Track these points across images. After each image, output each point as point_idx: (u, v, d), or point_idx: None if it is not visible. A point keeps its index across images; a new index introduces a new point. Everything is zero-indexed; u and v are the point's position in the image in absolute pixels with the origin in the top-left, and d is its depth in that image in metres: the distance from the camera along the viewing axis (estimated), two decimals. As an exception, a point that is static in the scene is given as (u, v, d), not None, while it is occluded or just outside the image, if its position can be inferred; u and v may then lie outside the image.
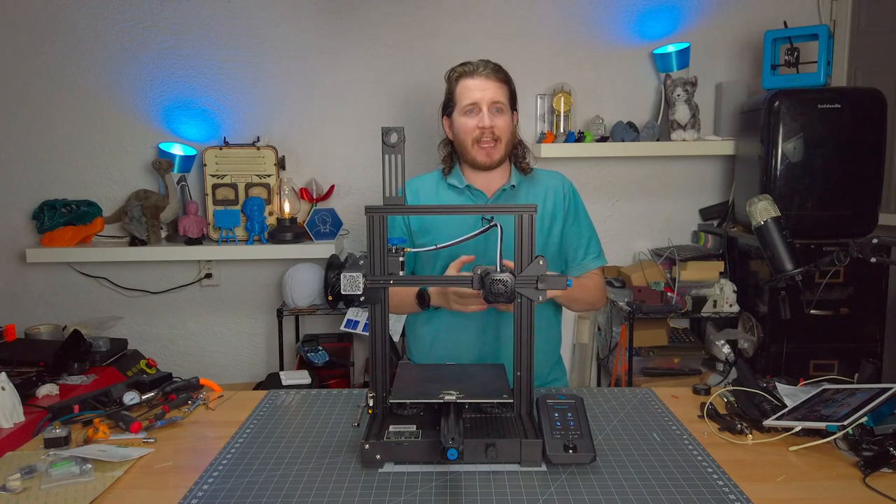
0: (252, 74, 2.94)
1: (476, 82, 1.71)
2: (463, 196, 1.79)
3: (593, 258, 1.83)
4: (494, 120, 1.71)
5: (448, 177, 1.81)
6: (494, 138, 1.71)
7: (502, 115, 1.73)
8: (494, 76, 1.72)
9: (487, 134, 1.71)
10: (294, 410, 1.50)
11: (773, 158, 2.52)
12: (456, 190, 1.80)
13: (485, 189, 1.79)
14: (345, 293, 1.25)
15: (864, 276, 2.50)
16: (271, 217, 2.86)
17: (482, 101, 1.70)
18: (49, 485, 1.15)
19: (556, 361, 1.91)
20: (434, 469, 1.19)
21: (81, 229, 2.84)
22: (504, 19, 2.93)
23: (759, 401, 1.40)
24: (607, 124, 2.92)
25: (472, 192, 1.79)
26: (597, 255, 1.84)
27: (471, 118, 1.72)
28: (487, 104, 1.70)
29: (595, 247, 1.85)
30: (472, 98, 1.71)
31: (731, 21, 2.95)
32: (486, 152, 1.72)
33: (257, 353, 3.12)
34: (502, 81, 1.73)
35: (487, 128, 1.70)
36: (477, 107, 1.71)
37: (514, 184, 1.78)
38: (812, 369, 2.53)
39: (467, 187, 1.78)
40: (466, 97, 1.72)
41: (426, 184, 1.84)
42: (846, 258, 1.42)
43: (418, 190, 1.83)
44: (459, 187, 1.78)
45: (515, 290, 1.25)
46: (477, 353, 1.77)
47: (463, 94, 1.73)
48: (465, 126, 1.73)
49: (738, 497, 1.09)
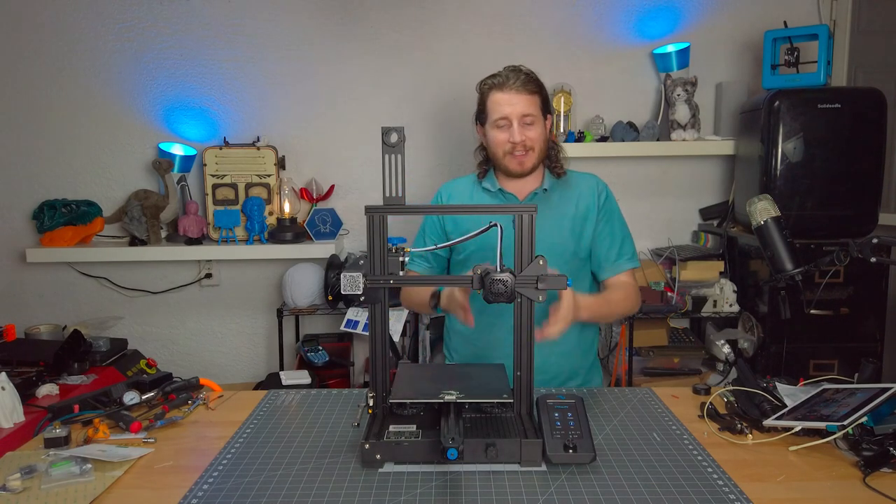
0: (252, 74, 2.94)
1: (506, 97, 1.70)
2: (496, 199, 1.81)
3: (627, 259, 1.81)
4: (525, 133, 1.71)
5: (483, 180, 1.83)
6: (527, 149, 1.72)
7: (534, 126, 1.72)
8: (524, 89, 1.70)
9: (519, 148, 1.71)
10: (294, 410, 1.50)
11: (773, 158, 2.52)
12: (489, 193, 1.81)
13: (517, 192, 1.80)
14: (345, 293, 1.25)
15: (864, 276, 2.50)
16: (271, 217, 2.86)
17: (512, 116, 1.70)
18: (49, 485, 1.15)
19: (593, 362, 1.89)
20: (434, 469, 1.19)
21: (81, 229, 2.84)
22: (504, 19, 2.93)
23: (759, 401, 1.40)
24: (607, 124, 2.92)
25: (504, 196, 1.80)
26: (630, 256, 1.82)
27: (502, 132, 1.72)
28: (518, 118, 1.70)
29: (629, 248, 1.83)
30: (502, 112, 1.71)
31: (731, 21, 2.95)
32: (517, 160, 1.73)
33: (257, 353, 3.12)
34: (532, 93, 1.72)
35: (518, 143, 1.71)
36: (507, 121, 1.71)
37: (545, 187, 1.78)
38: (812, 369, 2.53)
39: (500, 191, 1.80)
40: (496, 111, 1.72)
41: (461, 186, 1.87)
42: (846, 258, 1.42)
43: (452, 192, 1.86)
44: (492, 191, 1.80)
45: (515, 290, 1.25)
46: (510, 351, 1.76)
47: (493, 107, 1.73)
48: (497, 139, 1.74)
49: (738, 497, 1.09)
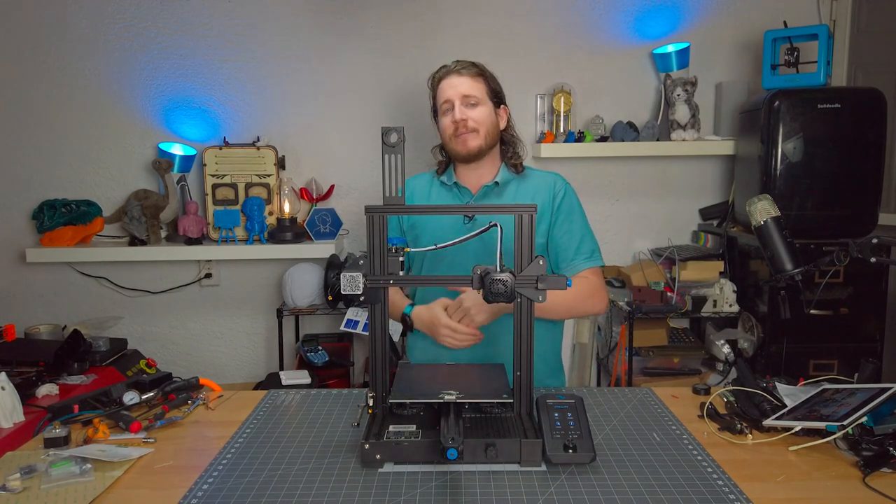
0: (252, 74, 2.94)
1: (448, 81, 1.77)
2: (451, 193, 1.84)
3: (584, 258, 1.77)
4: (467, 112, 1.74)
5: (441, 175, 1.86)
6: (469, 129, 1.74)
7: (477, 108, 1.75)
8: (466, 72, 1.76)
9: (462, 126, 1.74)
10: (294, 410, 1.50)
11: (773, 158, 2.52)
12: (445, 187, 1.85)
13: (471, 186, 1.82)
14: (345, 293, 1.25)
15: (864, 276, 2.50)
16: (271, 217, 2.86)
17: (454, 97, 1.75)
18: (49, 485, 1.15)
19: (553, 368, 1.86)
20: (434, 469, 1.19)
21: (81, 229, 2.84)
22: (504, 19, 2.93)
23: (759, 401, 1.40)
24: (607, 124, 2.92)
25: (458, 189, 1.83)
26: (589, 255, 1.78)
27: (447, 116, 1.77)
28: (459, 99, 1.75)
29: (587, 247, 1.78)
30: (445, 96, 1.77)
31: (731, 21, 2.95)
32: (461, 141, 1.75)
33: (257, 353, 3.12)
34: (475, 76, 1.77)
35: (460, 121, 1.74)
36: (450, 103, 1.76)
37: (498, 181, 1.79)
38: (812, 369, 2.53)
39: (455, 184, 1.83)
40: (441, 96, 1.79)
41: (420, 182, 1.90)
42: (846, 258, 1.42)
43: (413, 188, 1.89)
44: (448, 184, 1.83)
45: (515, 290, 1.25)
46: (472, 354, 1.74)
47: (439, 95, 1.80)
48: (444, 124, 1.79)
49: (737, 497, 1.09)
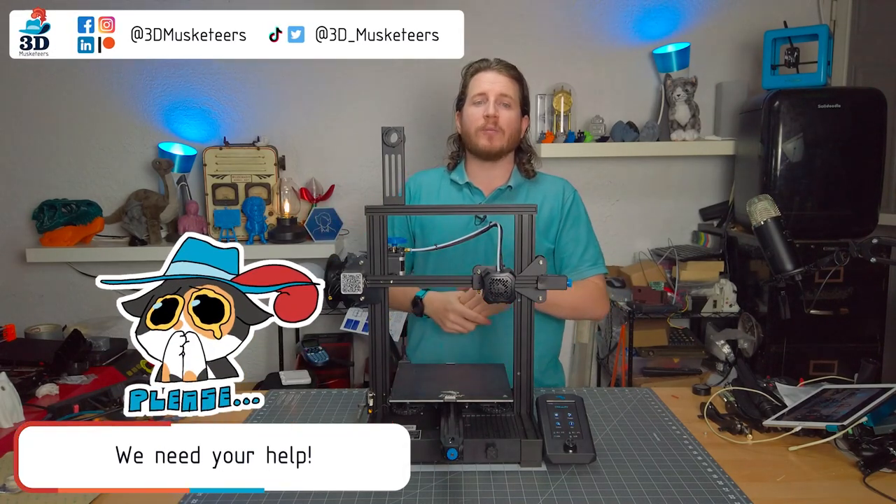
0: (252, 74, 2.94)
1: (488, 75, 1.75)
2: (462, 192, 1.81)
3: (589, 265, 1.78)
4: (500, 111, 1.74)
5: (451, 173, 1.83)
6: (498, 127, 1.73)
7: (509, 109, 1.75)
8: (506, 72, 1.76)
9: (491, 122, 1.73)
10: (294, 410, 1.50)
11: (773, 158, 2.52)
12: (456, 186, 1.81)
13: (484, 188, 1.80)
14: (345, 293, 1.25)
15: (864, 276, 2.50)
16: (271, 217, 2.86)
17: (490, 93, 1.73)
18: (49, 485, 1.15)
19: (550, 363, 1.85)
20: (434, 469, 1.19)
21: (81, 229, 2.84)
22: (504, 19, 2.93)
23: (759, 401, 1.40)
24: (607, 124, 2.92)
25: (470, 190, 1.80)
26: (593, 262, 1.79)
27: (478, 107, 1.75)
28: (495, 95, 1.73)
29: (592, 254, 1.80)
30: (481, 89, 1.75)
31: (731, 21, 2.95)
32: (487, 136, 1.74)
33: (257, 353, 3.12)
34: (514, 78, 1.76)
35: (492, 116, 1.73)
36: (485, 97, 1.74)
37: (511, 185, 1.79)
38: (812, 369, 2.53)
39: (467, 184, 1.80)
40: (476, 88, 1.76)
41: (429, 178, 1.87)
42: (846, 258, 1.42)
43: (421, 185, 1.85)
44: (459, 183, 1.80)
45: (515, 289, 1.25)
46: (472, 354, 1.75)
47: (474, 86, 1.77)
48: (472, 115, 1.76)
49: (737, 497, 1.09)
